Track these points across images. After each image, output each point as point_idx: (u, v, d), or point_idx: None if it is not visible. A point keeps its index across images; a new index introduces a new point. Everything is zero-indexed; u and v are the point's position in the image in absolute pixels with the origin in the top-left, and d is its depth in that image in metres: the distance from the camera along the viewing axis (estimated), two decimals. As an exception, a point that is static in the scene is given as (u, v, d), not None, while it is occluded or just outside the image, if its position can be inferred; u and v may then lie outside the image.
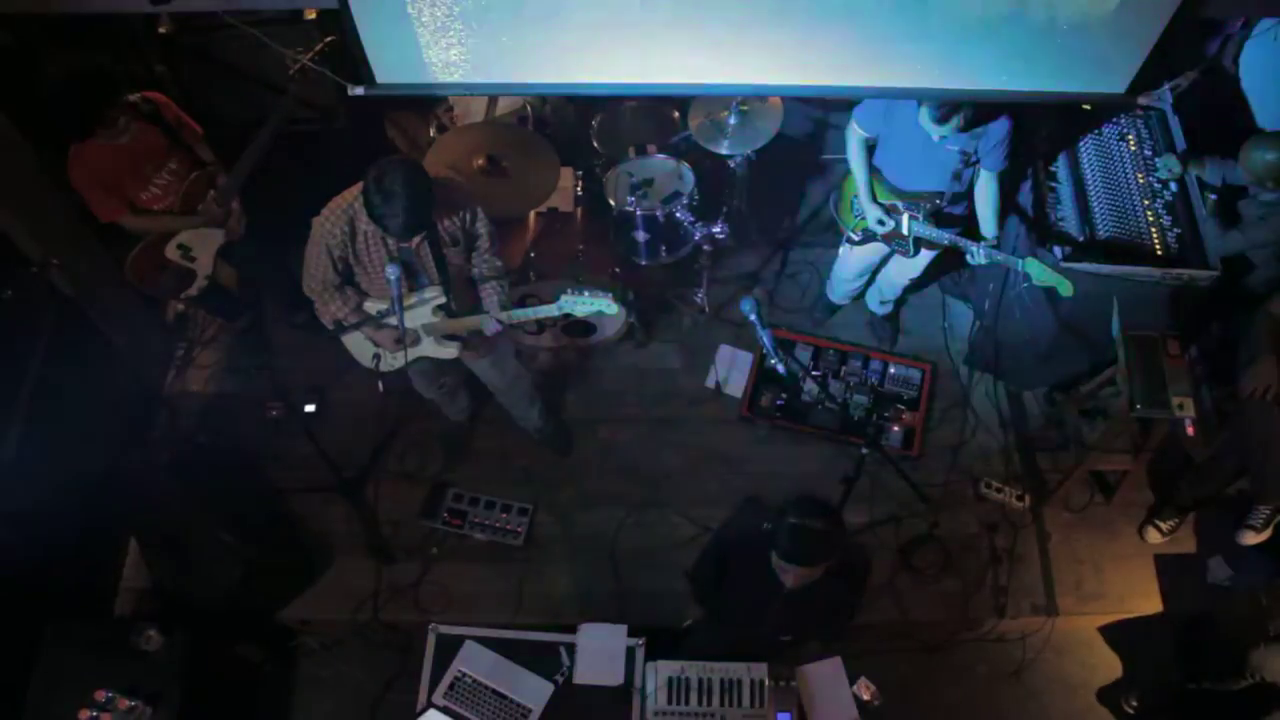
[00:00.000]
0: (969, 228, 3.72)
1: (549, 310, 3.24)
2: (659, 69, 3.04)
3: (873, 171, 3.79)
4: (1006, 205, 3.84)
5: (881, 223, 3.78)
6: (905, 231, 3.78)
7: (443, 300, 3.27)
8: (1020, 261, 3.45)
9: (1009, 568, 4.00)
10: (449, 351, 3.44)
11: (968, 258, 3.61)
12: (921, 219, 3.73)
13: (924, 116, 3.41)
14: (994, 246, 3.59)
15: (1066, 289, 3.38)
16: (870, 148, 3.76)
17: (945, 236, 3.69)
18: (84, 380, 3.86)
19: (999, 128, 3.44)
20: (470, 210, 3.17)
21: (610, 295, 3.16)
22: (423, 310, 3.29)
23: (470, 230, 3.21)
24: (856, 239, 3.99)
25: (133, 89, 3.61)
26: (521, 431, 4.25)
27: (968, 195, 3.69)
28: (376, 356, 3.46)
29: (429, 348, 3.44)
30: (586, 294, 3.17)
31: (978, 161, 3.56)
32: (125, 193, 3.62)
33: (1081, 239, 3.75)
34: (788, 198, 5.00)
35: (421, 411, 4.16)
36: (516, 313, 3.32)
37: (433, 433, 4.27)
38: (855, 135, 3.70)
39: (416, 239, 3.08)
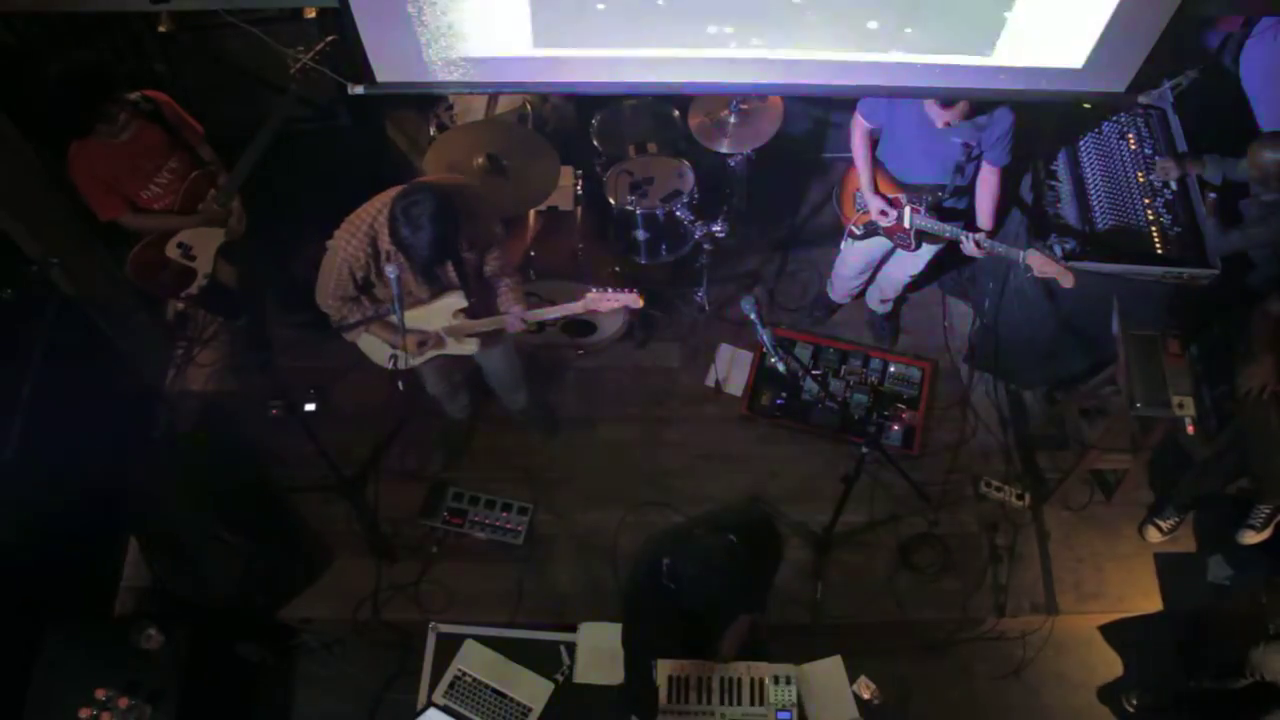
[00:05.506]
0: (970, 222, 3.71)
1: (573, 307, 3.28)
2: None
3: (875, 164, 3.78)
4: (1007, 201, 3.84)
5: (884, 214, 3.78)
6: (907, 224, 3.77)
7: (464, 304, 3.30)
8: (1021, 254, 3.45)
9: (1009, 567, 4.00)
10: (469, 348, 3.47)
11: (963, 246, 3.60)
12: (923, 211, 3.72)
13: (929, 101, 3.40)
14: (993, 238, 3.58)
15: (1068, 280, 3.38)
16: (873, 140, 3.76)
17: (947, 229, 3.68)
18: (84, 379, 3.86)
19: (1003, 119, 3.43)
20: (485, 216, 3.21)
21: (635, 293, 3.21)
22: (443, 314, 3.32)
23: (485, 235, 3.25)
24: (859, 233, 3.98)
25: (133, 88, 3.60)
26: (521, 430, 4.25)
27: (969, 189, 3.69)
28: (393, 357, 3.46)
29: (451, 346, 3.47)
30: (610, 291, 3.22)
31: (980, 155, 3.56)
32: (126, 191, 3.61)
33: (1081, 237, 3.75)
34: (788, 197, 5.00)
35: (421, 410, 4.16)
36: (539, 311, 3.36)
37: (433, 432, 4.27)
38: (859, 127, 3.69)
39: None
